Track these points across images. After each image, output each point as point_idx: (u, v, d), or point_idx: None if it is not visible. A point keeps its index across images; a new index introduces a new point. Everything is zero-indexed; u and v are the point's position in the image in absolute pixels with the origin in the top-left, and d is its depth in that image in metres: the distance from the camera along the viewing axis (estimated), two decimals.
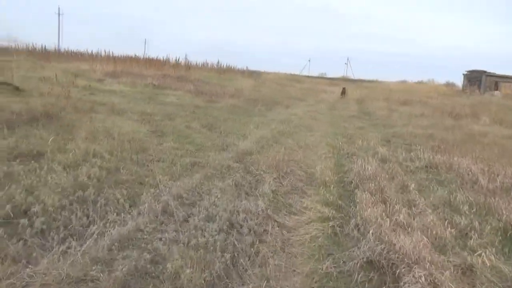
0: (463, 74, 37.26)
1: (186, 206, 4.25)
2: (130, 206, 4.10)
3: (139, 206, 4.10)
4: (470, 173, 6.23)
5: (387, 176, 6.03)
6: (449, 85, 48.14)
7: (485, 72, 34.68)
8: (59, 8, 49.20)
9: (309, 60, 72.64)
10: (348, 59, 65.54)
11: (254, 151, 7.06)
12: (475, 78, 35.57)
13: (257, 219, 4.05)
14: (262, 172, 5.76)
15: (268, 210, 4.35)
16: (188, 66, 24.75)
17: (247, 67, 36.11)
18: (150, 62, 23.02)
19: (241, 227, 3.80)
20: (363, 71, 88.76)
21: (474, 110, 18.75)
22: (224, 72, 30.40)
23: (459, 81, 48.98)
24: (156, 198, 4.32)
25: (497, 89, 34.17)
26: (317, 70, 69.84)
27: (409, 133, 11.11)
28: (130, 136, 6.99)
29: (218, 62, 33.51)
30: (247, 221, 3.94)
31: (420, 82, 51.65)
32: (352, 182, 5.65)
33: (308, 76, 53.15)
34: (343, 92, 26.88)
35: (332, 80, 50.98)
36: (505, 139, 11.56)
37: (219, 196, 4.57)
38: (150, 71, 19.73)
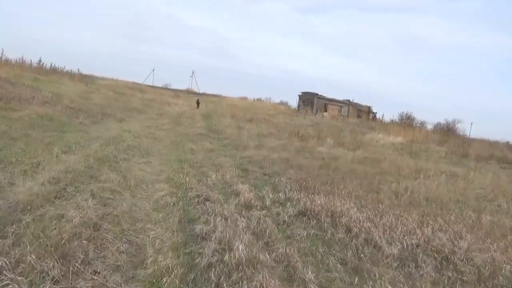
0: (298, 95, 39.71)
1: None
2: None
3: None
4: (361, 227, 4.54)
5: (260, 244, 3.82)
6: (283, 104, 51.29)
7: (317, 94, 37.50)
8: None
9: (154, 70, 68.37)
10: (193, 72, 63.98)
11: (35, 205, 3.96)
12: (308, 100, 38.14)
13: None
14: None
15: None
16: None
17: (78, 69, 30.62)
18: None
19: None
20: (206, 85, 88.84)
21: (316, 131, 18.92)
22: (47, 73, 24.74)
23: (291, 100, 52.86)
24: None
25: (325, 111, 37.26)
26: (161, 80, 66.01)
27: (265, 158, 9.44)
28: None
29: (39, 60, 27.31)
30: None
31: (258, 100, 53.75)
32: (209, 279, 3.17)
33: (152, 86, 49.42)
34: (198, 103, 28.26)
35: (176, 91, 48.53)
36: (355, 163, 11.03)
37: None
38: None
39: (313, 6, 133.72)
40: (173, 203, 4.77)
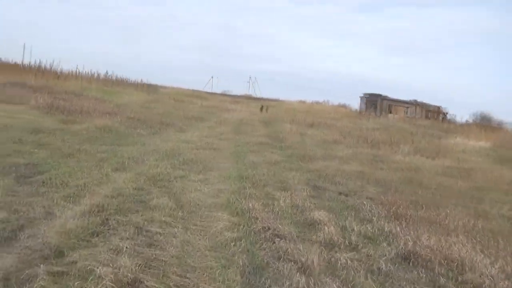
0: (361, 97, 37.55)
1: None
2: None
3: None
4: None
5: None
6: (343, 106, 49.07)
7: (380, 95, 35.14)
8: None
9: (212, 77, 68.97)
10: (250, 77, 63.85)
11: (63, 249, 3.11)
12: (371, 101, 35.88)
13: None
14: None
15: None
16: (57, 75, 19.35)
17: (141, 80, 31.31)
18: (3, 67, 17.28)
19: None
20: (264, 89, 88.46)
21: (385, 135, 17.12)
22: (113, 84, 25.38)
23: (350, 102, 50.27)
24: None
25: (390, 112, 34.75)
26: (220, 87, 66.46)
27: (336, 171, 8.17)
28: None
29: (106, 72, 28.21)
30: None
31: (317, 103, 52.01)
32: None
33: (211, 93, 49.85)
34: (262, 109, 26.68)
35: (236, 98, 48.44)
36: (440, 175, 9.37)
37: None
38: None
39: (365, 5, 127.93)
40: (235, 240, 3.73)
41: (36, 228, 3.52)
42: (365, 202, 5.68)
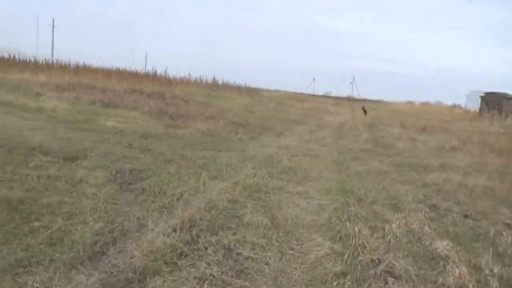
0: (480, 97, 32.90)
1: None
2: None
3: None
4: None
5: None
6: (457, 107, 43.92)
7: (506, 95, 30.31)
8: (53, 20, 46.13)
9: (314, 79, 68.10)
10: (353, 78, 61.32)
11: (146, 273, 2.85)
12: (493, 102, 31.15)
13: None
14: None
15: None
16: (169, 81, 20.74)
17: (245, 83, 32.11)
18: (123, 75, 19.12)
19: None
20: (366, 90, 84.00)
21: None
22: (218, 89, 26.44)
23: (462, 103, 44.59)
24: None
25: None
26: (321, 89, 65.22)
27: (458, 186, 6.90)
28: None
29: (213, 78, 29.58)
30: None
31: (426, 103, 47.49)
32: None
33: (312, 95, 49.11)
34: (364, 111, 24.99)
35: (337, 99, 46.93)
36: None
37: None
38: (119, 86, 15.86)
39: None
40: (337, 276, 3.10)
41: (127, 242, 3.38)
42: (502, 231, 4.51)
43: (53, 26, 46.17)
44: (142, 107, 11.29)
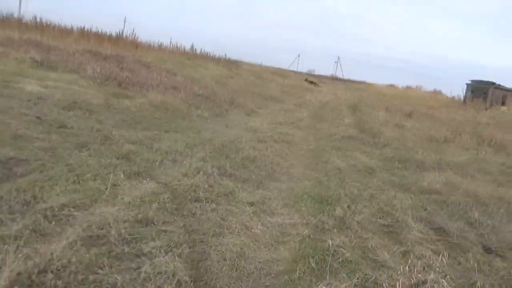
0: (467, 84, 31.65)
1: None
2: None
3: None
4: None
5: None
6: (438, 92, 42.93)
7: (493, 83, 29.11)
8: None
9: (299, 55, 65.08)
10: (338, 57, 59.10)
11: None
12: (479, 89, 29.96)
13: None
14: None
15: None
16: (136, 44, 18.33)
17: (225, 54, 29.64)
18: (85, 35, 16.63)
19: None
20: (351, 71, 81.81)
21: (508, 133, 13.07)
22: (195, 57, 24.06)
23: (444, 89, 43.66)
24: None
25: (503, 104, 28.70)
26: (306, 66, 62.69)
27: (462, 194, 5.32)
28: None
29: (192, 45, 27.00)
30: None
31: (408, 88, 46.35)
32: None
33: (295, 72, 46.97)
34: (312, 82, 24.84)
35: (320, 78, 45.05)
36: None
37: None
38: (76, 46, 13.52)
39: None
40: None
41: None
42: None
43: None
44: (86, 70, 9.19)
